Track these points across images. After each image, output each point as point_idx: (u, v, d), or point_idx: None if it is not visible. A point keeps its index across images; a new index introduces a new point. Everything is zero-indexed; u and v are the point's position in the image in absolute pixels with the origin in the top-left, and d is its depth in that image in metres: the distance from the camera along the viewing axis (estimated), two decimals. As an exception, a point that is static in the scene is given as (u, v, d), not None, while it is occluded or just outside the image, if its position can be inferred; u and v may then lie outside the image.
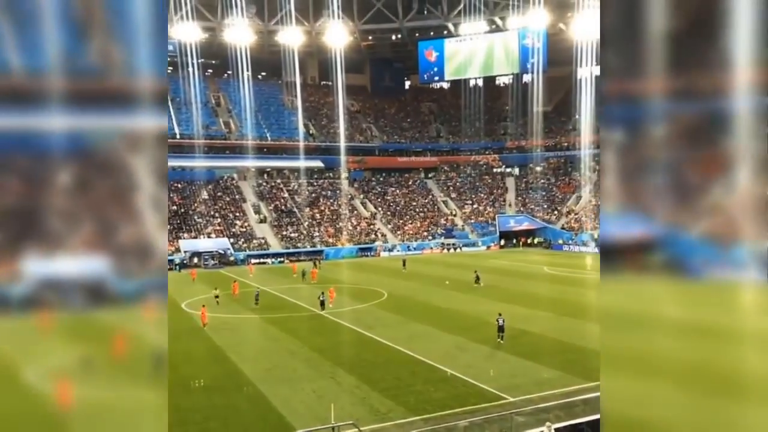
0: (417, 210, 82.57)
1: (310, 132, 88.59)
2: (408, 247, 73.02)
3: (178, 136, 78.77)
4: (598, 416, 16.04)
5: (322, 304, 34.83)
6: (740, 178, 9.29)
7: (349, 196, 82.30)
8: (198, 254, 62.61)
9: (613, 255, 10.40)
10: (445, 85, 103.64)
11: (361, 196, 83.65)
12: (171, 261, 60.66)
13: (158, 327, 15.94)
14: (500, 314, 26.27)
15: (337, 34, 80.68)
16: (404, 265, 54.28)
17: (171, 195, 73.32)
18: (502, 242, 76.26)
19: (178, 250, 63.10)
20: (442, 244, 74.38)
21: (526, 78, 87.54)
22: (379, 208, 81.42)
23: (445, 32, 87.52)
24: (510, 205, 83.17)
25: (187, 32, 76.43)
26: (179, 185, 75.59)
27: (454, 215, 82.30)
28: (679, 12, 9.46)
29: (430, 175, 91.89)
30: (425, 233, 77.02)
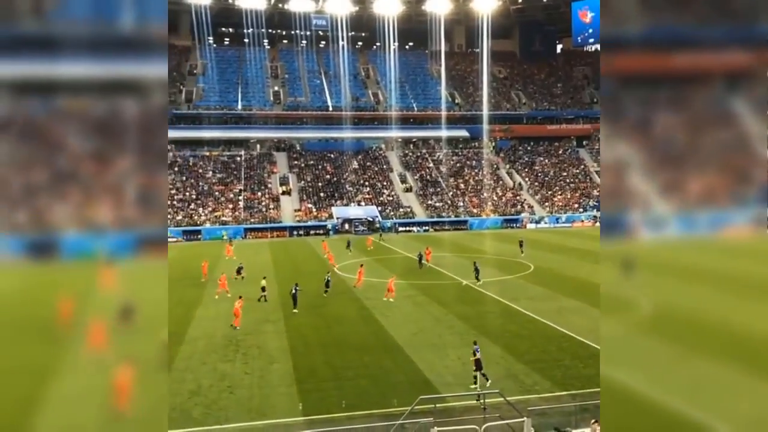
0: (567, 181, 78.97)
1: (456, 101, 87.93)
2: (557, 219, 70.37)
3: (330, 109, 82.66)
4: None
5: (327, 284, 30.47)
6: None
7: (495, 166, 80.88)
8: (349, 221, 65.87)
9: None
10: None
11: (507, 166, 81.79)
12: (324, 227, 64.94)
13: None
14: (475, 342, 18.66)
15: (486, -1, 78.57)
16: (521, 247, 45.11)
17: (324, 164, 77.51)
18: (662, 216, 70.46)
19: (330, 216, 66.87)
20: (595, 217, 70.60)
21: (697, 35, 78.76)
22: (526, 179, 79.10)
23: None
24: (673, 175, 76.28)
25: (338, 6, 79.10)
26: (332, 155, 79.48)
27: (608, 186, 77.40)
28: None
29: (582, 144, 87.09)
30: (576, 205, 73.57)
